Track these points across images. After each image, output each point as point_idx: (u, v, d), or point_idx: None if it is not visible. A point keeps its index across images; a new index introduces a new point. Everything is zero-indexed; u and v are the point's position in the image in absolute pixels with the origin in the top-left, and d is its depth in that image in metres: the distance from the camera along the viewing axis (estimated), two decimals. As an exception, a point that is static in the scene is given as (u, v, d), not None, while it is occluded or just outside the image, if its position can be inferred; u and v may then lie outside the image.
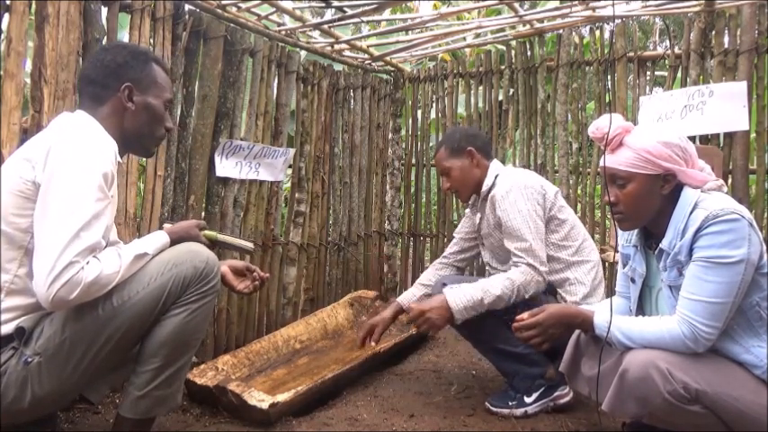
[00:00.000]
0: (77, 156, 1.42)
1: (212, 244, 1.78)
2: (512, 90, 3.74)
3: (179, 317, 1.54)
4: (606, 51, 3.38)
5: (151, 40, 2.29)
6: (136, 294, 1.48)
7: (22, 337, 1.45)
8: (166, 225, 1.80)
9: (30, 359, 1.43)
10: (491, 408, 2.20)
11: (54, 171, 1.40)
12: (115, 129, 1.59)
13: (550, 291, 2.27)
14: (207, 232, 1.79)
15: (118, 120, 1.60)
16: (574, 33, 3.52)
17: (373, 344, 2.38)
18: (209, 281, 1.58)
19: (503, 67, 3.73)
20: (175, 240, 1.64)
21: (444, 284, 2.27)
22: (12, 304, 1.45)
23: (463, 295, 2.10)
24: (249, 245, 1.96)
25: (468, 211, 2.63)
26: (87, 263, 1.37)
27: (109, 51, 1.63)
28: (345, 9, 3.01)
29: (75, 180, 1.40)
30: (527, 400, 2.18)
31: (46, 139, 1.47)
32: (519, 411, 2.17)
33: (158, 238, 1.61)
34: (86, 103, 1.61)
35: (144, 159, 2.29)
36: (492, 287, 2.12)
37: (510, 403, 2.19)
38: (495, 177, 2.36)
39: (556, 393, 2.20)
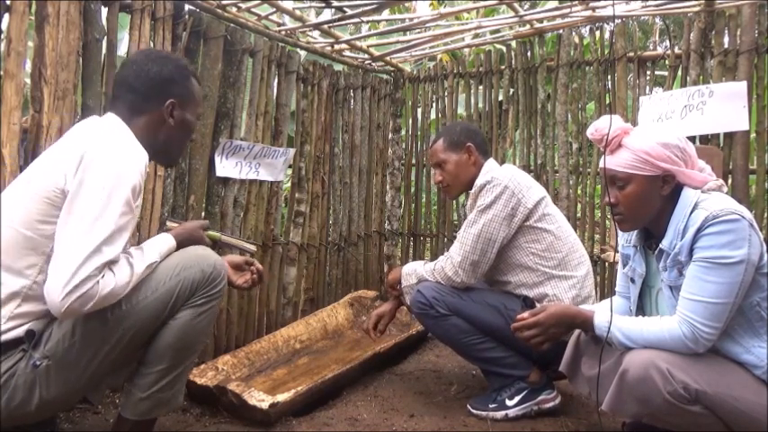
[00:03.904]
0: (109, 167, 1.41)
1: (215, 244, 1.79)
2: (512, 90, 3.73)
3: (186, 320, 1.54)
4: (606, 51, 3.38)
5: (151, 41, 2.29)
6: (145, 299, 1.49)
7: (32, 340, 1.44)
8: (170, 224, 1.81)
9: (39, 362, 1.42)
10: (471, 410, 2.18)
11: (84, 180, 1.38)
12: (147, 139, 1.57)
13: (530, 305, 2.19)
14: (210, 233, 1.81)
15: (152, 131, 1.60)
16: (574, 33, 3.52)
17: (379, 334, 2.47)
18: (217, 285, 1.58)
19: (503, 67, 3.73)
20: (181, 243, 1.64)
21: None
22: (26, 310, 1.43)
23: (408, 267, 2.41)
24: (251, 246, 1.97)
25: None
26: (103, 276, 1.36)
27: (154, 62, 1.60)
28: (345, 9, 3.01)
29: (103, 192, 1.38)
30: (509, 403, 2.14)
31: (79, 146, 1.44)
32: (499, 414, 2.13)
33: (165, 243, 1.60)
34: (121, 109, 1.58)
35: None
36: (426, 266, 2.36)
37: (490, 405, 2.16)
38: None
39: (540, 397, 2.16)
